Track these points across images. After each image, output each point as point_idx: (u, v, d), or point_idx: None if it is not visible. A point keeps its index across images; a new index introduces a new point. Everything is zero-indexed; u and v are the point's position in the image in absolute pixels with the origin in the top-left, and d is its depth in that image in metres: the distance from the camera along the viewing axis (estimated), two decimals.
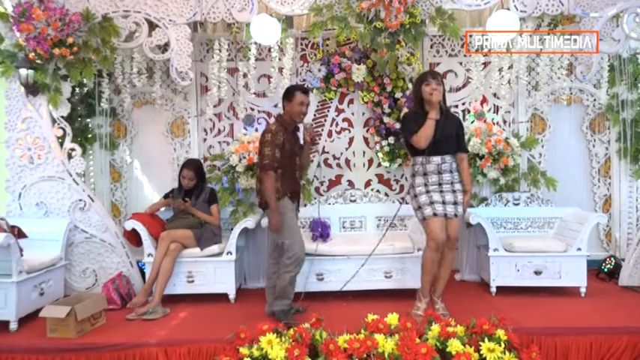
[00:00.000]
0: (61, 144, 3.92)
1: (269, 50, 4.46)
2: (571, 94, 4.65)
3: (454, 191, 3.29)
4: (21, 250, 3.29)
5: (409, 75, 4.49)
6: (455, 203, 3.26)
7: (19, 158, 3.87)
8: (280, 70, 4.27)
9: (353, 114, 4.75)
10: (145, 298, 3.65)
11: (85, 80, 4.03)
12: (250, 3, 3.83)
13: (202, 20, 3.92)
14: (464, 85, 4.68)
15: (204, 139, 4.74)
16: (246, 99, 4.45)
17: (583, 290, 3.71)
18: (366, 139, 4.74)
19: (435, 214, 3.20)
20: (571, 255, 3.71)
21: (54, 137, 3.88)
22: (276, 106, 4.61)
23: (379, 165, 4.72)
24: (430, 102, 3.21)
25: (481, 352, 2.55)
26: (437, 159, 3.25)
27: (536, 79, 4.53)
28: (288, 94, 3.35)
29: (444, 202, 3.24)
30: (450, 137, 3.28)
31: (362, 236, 4.20)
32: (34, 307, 3.36)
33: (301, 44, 4.69)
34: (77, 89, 4.27)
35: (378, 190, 4.68)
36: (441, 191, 3.26)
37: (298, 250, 3.26)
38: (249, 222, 3.87)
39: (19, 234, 3.40)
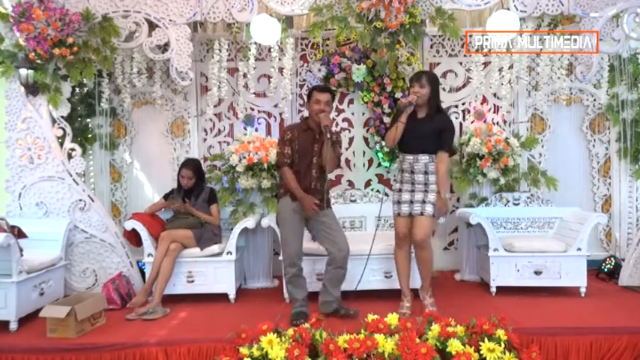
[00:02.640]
0: (61, 144, 3.91)
1: (269, 50, 4.46)
2: (571, 94, 4.65)
3: (426, 191, 3.28)
4: (21, 250, 3.29)
5: (409, 75, 4.48)
6: (423, 202, 3.27)
7: (19, 158, 3.87)
8: (280, 70, 4.27)
9: (353, 114, 4.75)
10: (145, 298, 3.66)
11: (85, 80, 4.03)
12: (250, 3, 3.83)
13: (202, 20, 3.92)
14: (464, 85, 4.68)
15: (204, 139, 4.73)
16: (246, 99, 4.45)
17: (583, 290, 3.71)
18: (366, 139, 4.75)
19: (398, 214, 3.35)
20: (571, 255, 3.71)
21: (54, 137, 3.87)
22: (276, 106, 4.61)
23: (379, 165, 4.72)
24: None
25: (481, 352, 2.55)
26: (410, 157, 3.31)
27: (536, 79, 4.52)
28: (308, 94, 3.41)
29: (411, 202, 3.31)
30: (426, 137, 3.26)
31: (362, 236, 4.20)
32: (34, 307, 3.36)
33: (301, 44, 4.69)
34: (77, 89, 4.26)
35: (378, 190, 4.68)
36: (412, 190, 3.32)
37: (287, 250, 3.32)
38: (249, 222, 3.87)
39: (19, 234, 3.40)
